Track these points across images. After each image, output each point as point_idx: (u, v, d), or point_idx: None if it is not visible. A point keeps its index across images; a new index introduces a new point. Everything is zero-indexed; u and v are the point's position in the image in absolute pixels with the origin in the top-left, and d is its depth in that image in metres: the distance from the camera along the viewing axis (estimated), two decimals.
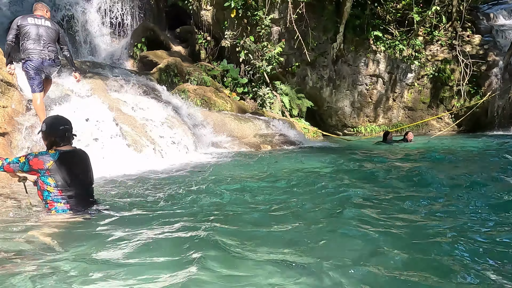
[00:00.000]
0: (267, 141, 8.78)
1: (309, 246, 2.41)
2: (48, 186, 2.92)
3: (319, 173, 5.13)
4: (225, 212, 3.23)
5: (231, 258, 2.19)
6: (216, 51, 13.16)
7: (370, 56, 13.32)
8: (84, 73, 7.62)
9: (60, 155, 2.97)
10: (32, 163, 2.89)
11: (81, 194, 3.09)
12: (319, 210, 3.26)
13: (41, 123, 3.17)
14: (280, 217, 3.07)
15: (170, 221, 2.92)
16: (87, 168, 3.22)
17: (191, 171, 5.62)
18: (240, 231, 2.71)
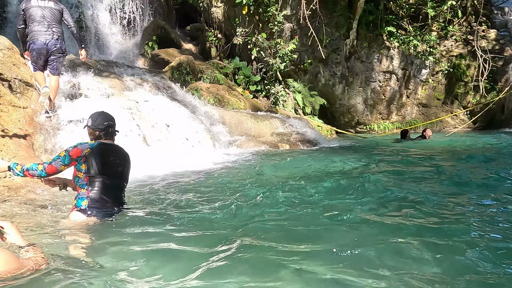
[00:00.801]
0: (284, 140, 8.62)
1: (355, 254, 2.25)
2: (79, 172, 2.96)
3: (349, 173, 4.97)
4: (260, 215, 3.09)
5: (266, 264, 2.07)
6: (228, 49, 12.99)
7: (384, 52, 13.10)
8: (100, 72, 7.48)
9: (98, 144, 3.03)
10: (72, 153, 2.93)
11: (108, 187, 3.01)
12: (362, 212, 3.10)
13: (88, 118, 3.17)
14: (322, 222, 2.92)
15: (195, 226, 2.79)
16: (123, 165, 3.18)
17: (213, 171, 5.49)
18: (280, 238, 2.55)
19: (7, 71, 5.48)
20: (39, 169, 2.93)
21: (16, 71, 5.66)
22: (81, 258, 2.20)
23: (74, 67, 7.33)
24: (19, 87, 5.57)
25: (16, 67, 5.72)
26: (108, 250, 2.32)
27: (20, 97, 5.51)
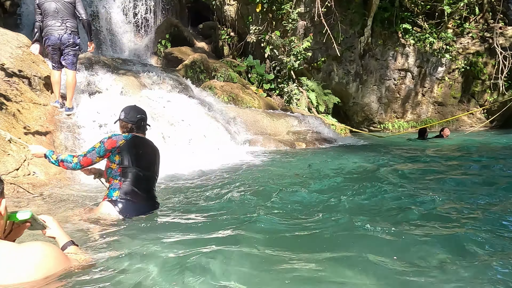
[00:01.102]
0: (301, 139, 8.50)
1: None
2: (112, 163, 2.97)
3: (373, 172, 4.84)
4: (284, 216, 2.99)
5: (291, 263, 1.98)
6: (242, 47, 12.89)
7: (399, 50, 12.92)
8: (116, 70, 7.44)
9: (132, 137, 3.05)
10: (107, 144, 2.94)
11: (140, 179, 3.01)
12: (391, 214, 2.99)
13: (120, 111, 3.19)
14: (355, 227, 2.81)
15: (221, 225, 2.70)
16: (154, 158, 3.20)
17: (233, 170, 5.40)
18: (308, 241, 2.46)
19: (27, 68, 5.45)
20: (73, 161, 2.92)
21: (35, 69, 5.63)
22: (115, 255, 2.12)
23: (91, 65, 7.29)
24: (38, 84, 5.54)
25: (35, 65, 5.69)
26: (137, 247, 2.23)
27: (40, 94, 5.47)
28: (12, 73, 5.12)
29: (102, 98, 6.19)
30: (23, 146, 4.06)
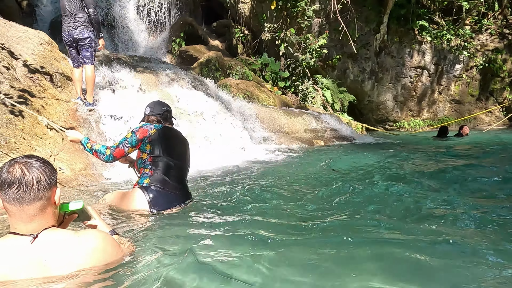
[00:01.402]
0: (319, 136, 8.40)
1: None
2: (143, 153, 2.96)
3: (399, 172, 4.71)
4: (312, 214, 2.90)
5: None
6: (256, 45, 12.82)
7: (415, 47, 12.72)
8: (134, 67, 7.42)
9: (163, 127, 3.05)
10: (138, 133, 2.93)
11: (171, 169, 2.99)
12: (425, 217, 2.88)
13: (145, 108, 3.19)
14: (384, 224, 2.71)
15: (248, 222, 2.63)
16: (185, 149, 3.20)
17: (254, 167, 5.33)
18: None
19: (48, 65, 5.45)
20: (106, 153, 2.91)
21: (57, 65, 5.62)
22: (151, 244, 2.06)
23: (109, 62, 7.28)
24: (60, 81, 5.53)
25: (56, 61, 5.69)
26: (171, 239, 2.17)
27: (61, 90, 5.46)
28: (34, 70, 5.11)
29: (122, 94, 6.17)
30: (59, 131, 4.08)
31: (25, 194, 1.39)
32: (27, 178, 1.40)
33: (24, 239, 1.42)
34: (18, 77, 4.73)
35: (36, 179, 1.41)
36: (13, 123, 3.91)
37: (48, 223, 1.47)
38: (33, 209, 1.42)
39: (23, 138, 3.82)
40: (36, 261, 1.41)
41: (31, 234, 1.42)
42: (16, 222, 1.44)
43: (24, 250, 1.41)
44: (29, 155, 1.53)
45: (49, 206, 1.47)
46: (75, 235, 1.50)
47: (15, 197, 1.39)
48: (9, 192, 1.39)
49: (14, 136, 3.75)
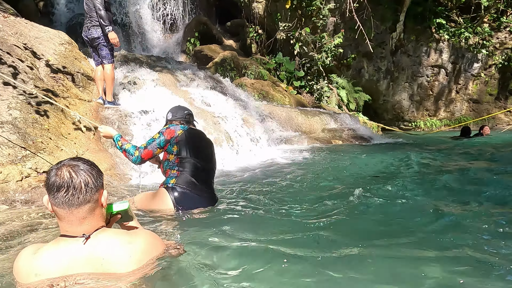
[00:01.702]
0: (336, 136, 8.30)
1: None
2: (170, 154, 2.94)
3: (426, 174, 4.60)
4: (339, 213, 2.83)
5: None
6: (270, 44, 12.74)
7: (432, 46, 12.53)
8: (152, 67, 7.41)
9: (189, 128, 3.05)
10: (166, 134, 2.92)
11: (198, 170, 2.96)
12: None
13: (167, 113, 3.18)
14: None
15: (279, 225, 2.57)
16: (211, 151, 3.19)
17: (276, 168, 5.26)
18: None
19: (70, 65, 5.45)
20: (135, 155, 2.88)
21: (78, 65, 5.62)
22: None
23: (127, 62, 7.28)
24: (81, 80, 5.53)
25: (77, 61, 5.69)
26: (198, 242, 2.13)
27: (83, 90, 5.46)
28: (57, 70, 5.12)
29: (142, 94, 6.15)
30: (92, 125, 4.08)
31: (74, 198, 1.39)
32: (75, 181, 1.40)
33: (76, 240, 1.42)
34: (42, 76, 4.74)
35: (84, 182, 1.41)
36: (39, 122, 3.90)
37: (98, 224, 1.48)
38: (82, 212, 1.42)
39: (49, 138, 3.81)
40: (93, 261, 1.41)
41: (84, 235, 1.42)
42: (66, 225, 1.43)
43: (79, 251, 1.41)
44: (76, 157, 1.52)
45: (97, 208, 1.47)
46: (127, 234, 1.53)
47: (64, 201, 1.39)
48: (58, 195, 1.39)
49: (41, 136, 3.74)
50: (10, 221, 2.61)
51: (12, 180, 3.08)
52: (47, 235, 2.34)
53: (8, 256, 1.99)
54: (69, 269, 1.38)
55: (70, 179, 1.39)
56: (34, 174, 3.28)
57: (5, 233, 2.37)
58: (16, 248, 2.10)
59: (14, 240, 2.26)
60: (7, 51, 4.52)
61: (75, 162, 1.44)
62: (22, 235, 2.35)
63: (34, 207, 2.95)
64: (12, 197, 3.00)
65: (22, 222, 2.60)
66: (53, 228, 2.49)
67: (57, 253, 1.40)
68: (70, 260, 1.39)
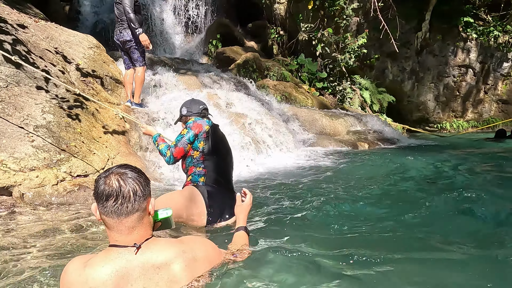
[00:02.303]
0: (362, 138, 8.14)
1: None
2: (195, 151, 2.80)
3: (459, 179, 4.42)
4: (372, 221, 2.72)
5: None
6: (292, 45, 12.66)
7: (459, 45, 12.19)
8: (177, 70, 7.44)
9: (213, 124, 2.93)
10: (194, 128, 2.79)
11: (222, 167, 2.88)
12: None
13: (181, 106, 3.04)
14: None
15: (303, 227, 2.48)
16: (229, 147, 3.08)
17: (302, 171, 5.18)
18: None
19: (99, 69, 5.51)
20: (167, 155, 2.81)
21: (106, 69, 5.69)
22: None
23: (152, 65, 7.33)
24: (110, 84, 5.58)
25: (106, 65, 5.75)
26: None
27: (112, 94, 5.52)
28: (86, 73, 5.18)
29: (169, 97, 6.17)
30: (136, 123, 4.10)
31: (123, 207, 1.36)
32: (124, 190, 1.36)
33: (128, 250, 1.39)
34: (73, 80, 4.80)
35: (132, 191, 1.38)
36: (71, 126, 3.94)
37: (147, 233, 1.44)
38: (131, 221, 1.39)
39: (82, 142, 3.84)
40: (148, 271, 1.37)
41: (135, 244, 1.39)
42: (116, 235, 1.40)
43: (132, 262, 1.37)
44: (123, 164, 1.48)
45: (145, 216, 1.44)
46: (181, 242, 1.50)
47: (113, 210, 1.36)
48: (107, 205, 1.36)
49: (74, 140, 3.77)
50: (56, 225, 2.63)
51: (48, 184, 3.12)
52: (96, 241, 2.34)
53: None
54: (124, 280, 1.35)
55: (119, 188, 1.36)
56: (69, 178, 3.31)
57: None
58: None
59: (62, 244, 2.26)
60: (39, 56, 4.59)
61: (123, 170, 1.41)
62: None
63: (75, 211, 2.97)
64: (49, 201, 3.03)
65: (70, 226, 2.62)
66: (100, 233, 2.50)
67: (110, 264, 1.36)
68: (124, 271, 1.36)
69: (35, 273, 1.86)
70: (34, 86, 4.13)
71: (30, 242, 2.31)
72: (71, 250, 2.18)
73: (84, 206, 3.08)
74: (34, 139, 3.42)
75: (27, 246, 2.25)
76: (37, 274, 1.84)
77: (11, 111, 3.60)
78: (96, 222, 2.65)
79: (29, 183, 3.02)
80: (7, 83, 3.84)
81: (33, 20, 5.67)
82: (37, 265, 1.97)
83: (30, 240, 2.35)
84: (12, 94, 3.79)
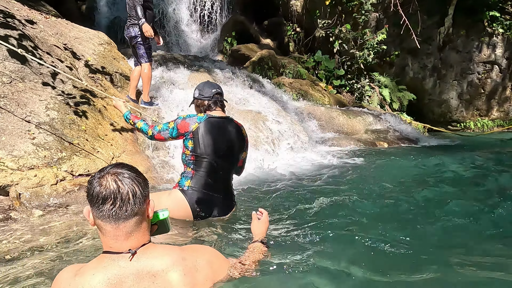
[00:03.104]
0: (381, 138, 7.81)
1: None
2: (186, 149, 2.67)
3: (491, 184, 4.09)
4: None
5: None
6: (309, 43, 12.37)
7: (485, 40, 11.63)
8: (189, 67, 7.28)
9: (207, 118, 2.68)
10: (180, 126, 2.66)
11: (215, 170, 2.63)
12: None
13: (194, 90, 2.88)
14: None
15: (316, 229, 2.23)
16: (233, 144, 2.74)
17: (318, 171, 4.93)
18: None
19: (108, 65, 5.38)
20: (148, 133, 2.78)
21: (116, 65, 5.56)
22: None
23: (165, 62, 7.18)
24: (119, 80, 5.45)
25: (116, 61, 5.63)
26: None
27: (121, 90, 5.38)
28: (95, 70, 5.05)
29: (180, 93, 6.00)
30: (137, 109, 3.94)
31: (121, 210, 1.23)
32: (122, 191, 1.23)
33: (122, 256, 1.25)
34: (80, 77, 4.67)
35: (131, 192, 1.24)
36: (76, 123, 3.80)
37: (144, 239, 1.31)
38: (129, 226, 1.26)
39: (85, 139, 3.70)
40: (143, 280, 1.24)
41: (130, 250, 1.26)
42: (111, 241, 1.26)
43: (126, 269, 1.24)
44: (119, 163, 1.31)
45: (143, 220, 1.30)
46: (181, 249, 1.37)
47: (111, 214, 1.22)
48: (103, 208, 1.22)
49: (77, 137, 3.63)
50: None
51: (47, 183, 2.97)
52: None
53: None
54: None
55: (117, 190, 1.22)
56: (70, 178, 3.16)
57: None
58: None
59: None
60: (47, 51, 4.48)
61: (119, 170, 1.26)
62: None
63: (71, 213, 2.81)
64: (47, 202, 2.88)
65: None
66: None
67: (103, 272, 1.22)
68: (117, 278, 1.22)
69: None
70: (40, 82, 4.01)
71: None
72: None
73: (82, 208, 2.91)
74: (35, 137, 3.28)
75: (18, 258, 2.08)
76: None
77: (14, 107, 3.48)
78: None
79: (26, 182, 2.88)
80: (11, 79, 3.72)
81: (43, 16, 5.58)
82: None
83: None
84: (16, 90, 3.66)
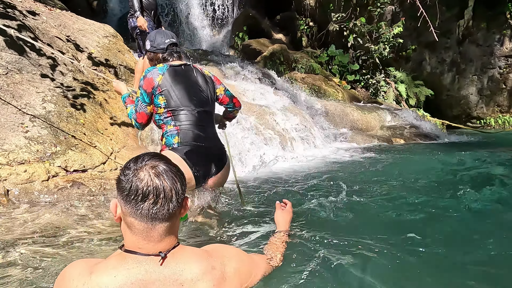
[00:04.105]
0: (397, 134, 7.48)
1: None
2: (159, 108, 2.35)
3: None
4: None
5: None
6: (323, 37, 12.04)
7: (507, 33, 11.11)
8: (198, 61, 7.07)
9: (169, 68, 2.38)
10: (145, 86, 2.33)
11: (197, 119, 2.38)
12: None
13: (145, 41, 2.57)
14: None
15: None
16: (203, 88, 2.46)
17: (330, 168, 4.66)
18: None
19: (113, 58, 5.21)
20: (132, 122, 2.46)
21: (121, 58, 5.39)
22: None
23: None
24: (124, 73, 5.28)
25: (121, 54, 5.45)
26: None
27: (125, 83, 5.19)
28: (99, 62, 4.88)
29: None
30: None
31: (163, 209, 1.09)
32: (166, 188, 1.09)
33: (151, 260, 1.10)
34: (82, 69, 4.50)
35: (174, 190, 1.11)
36: (74, 117, 3.62)
37: (174, 240, 1.17)
38: (166, 227, 1.12)
39: (83, 133, 3.51)
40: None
41: (160, 253, 1.12)
42: (140, 241, 1.11)
43: (154, 274, 1.09)
44: (153, 153, 1.13)
45: (177, 220, 1.18)
46: (210, 256, 1.23)
47: (149, 213, 1.08)
48: (142, 206, 1.06)
49: (74, 131, 3.44)
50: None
51: (38, 179, 2.79)
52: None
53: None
54: None
55: (161, 186, 1.07)
56: (63, 173, 2.97)
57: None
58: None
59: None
60: (47, 43, 4.32)
61: (157, 162, 1.10)
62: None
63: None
64: (36, 199, 2.69)
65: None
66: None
67: (125, 275, 1.06)
68: (141, 284, 1.07)
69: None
70: (38, 74, 3.84)
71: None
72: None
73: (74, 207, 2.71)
74: (29, 130, 3.10)
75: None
76: None
77: (8, 99, 3.31)
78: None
79: (15, 178, 2.70)
80: (7, 70, 3.56)
81: (47, 8, 5.44)
82: None
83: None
84: (12, 82, 3.50)
